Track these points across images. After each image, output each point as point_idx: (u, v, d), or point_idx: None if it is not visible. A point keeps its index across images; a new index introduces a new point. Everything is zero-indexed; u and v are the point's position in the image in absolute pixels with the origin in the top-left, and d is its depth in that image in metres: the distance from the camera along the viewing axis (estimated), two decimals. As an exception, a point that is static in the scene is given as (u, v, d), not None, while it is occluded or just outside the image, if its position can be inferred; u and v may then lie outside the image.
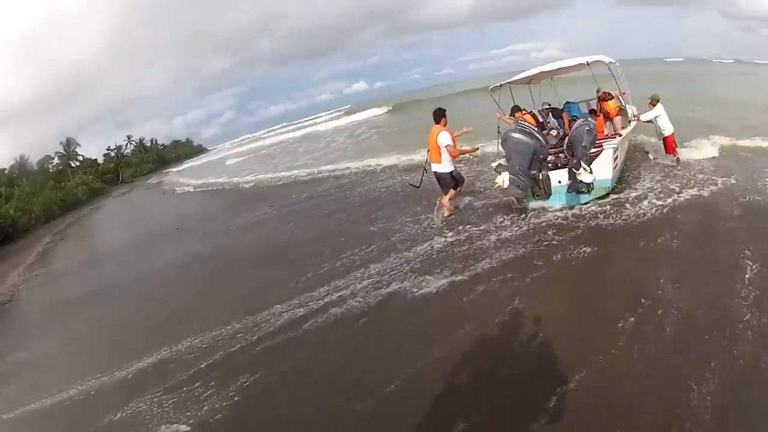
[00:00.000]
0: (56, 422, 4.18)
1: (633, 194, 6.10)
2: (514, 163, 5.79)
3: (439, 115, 6.34)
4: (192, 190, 22.17)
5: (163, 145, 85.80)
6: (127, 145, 74.57)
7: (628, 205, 5.74)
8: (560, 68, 7.65)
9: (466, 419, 2.81)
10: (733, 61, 44.19)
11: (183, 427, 3.40)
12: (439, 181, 6.53)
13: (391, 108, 35.73)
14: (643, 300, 3.63)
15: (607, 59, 7.50)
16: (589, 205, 5.86)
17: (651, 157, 7.97)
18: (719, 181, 6.10)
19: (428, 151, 6.49)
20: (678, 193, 5.88)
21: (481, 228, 5.92)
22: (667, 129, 7.31)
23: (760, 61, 40.16)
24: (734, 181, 6.04)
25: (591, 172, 5.57)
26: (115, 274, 9.45)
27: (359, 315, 4.40)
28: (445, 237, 5.87)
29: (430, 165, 6.51)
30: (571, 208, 5.89)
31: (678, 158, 7.29)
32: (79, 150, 61.28)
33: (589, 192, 5.67)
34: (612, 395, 2.78)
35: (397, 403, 3.10)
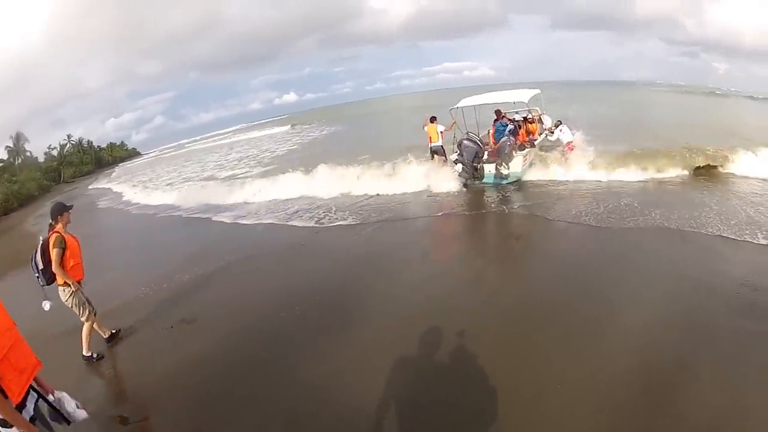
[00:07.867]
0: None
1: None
2: (464, 158, 9.59)
3: (433, 118, 10.95)
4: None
5: (99, 146, 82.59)
6: (66, 144, 71.08)
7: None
8: (498, 102, 11.47)
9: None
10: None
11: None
12: (436, 153, 10.99)
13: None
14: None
15: (527, 97, 11.34)
16: (504, 187, 9.61)
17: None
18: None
19: (429, 137, 10.97)
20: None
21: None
22: (565, 139, 11.04)
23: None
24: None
25: (508, 168, 9.45)
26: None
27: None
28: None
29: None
30: (495, 187, 9.66)
31: (566, 151, 10.89)
32: (27, 146, 58.24)
33: (507, 178, 9.55)
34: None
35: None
